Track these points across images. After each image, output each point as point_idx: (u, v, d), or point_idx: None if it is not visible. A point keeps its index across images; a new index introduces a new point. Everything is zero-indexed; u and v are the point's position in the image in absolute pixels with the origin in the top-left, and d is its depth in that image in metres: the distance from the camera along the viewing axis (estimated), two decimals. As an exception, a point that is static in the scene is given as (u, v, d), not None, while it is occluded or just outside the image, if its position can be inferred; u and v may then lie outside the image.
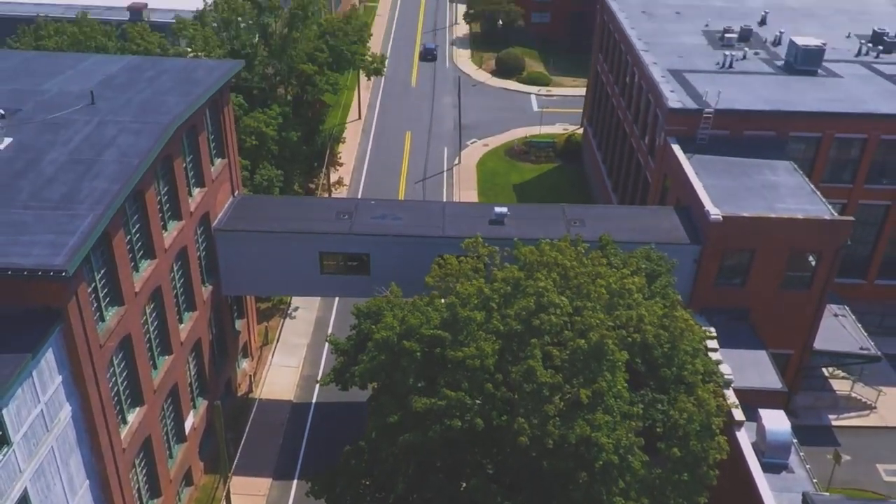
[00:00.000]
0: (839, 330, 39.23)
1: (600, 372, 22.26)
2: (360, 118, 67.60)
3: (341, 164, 56.34)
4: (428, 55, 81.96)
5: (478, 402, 23.62)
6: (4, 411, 20.99)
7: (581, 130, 64.56)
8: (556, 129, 66.23)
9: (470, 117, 66.64)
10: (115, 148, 28.09)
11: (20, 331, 22.41)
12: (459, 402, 23.33)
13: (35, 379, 22.43)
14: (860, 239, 45.22)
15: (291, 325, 46.13)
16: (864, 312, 44.10)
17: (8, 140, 28.22)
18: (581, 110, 65.61)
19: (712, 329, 33.27)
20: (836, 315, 40.24)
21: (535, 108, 70.10)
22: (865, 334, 39.03)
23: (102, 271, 26.04)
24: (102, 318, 26.09)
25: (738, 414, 29.32)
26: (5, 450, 21.30)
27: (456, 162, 60.90)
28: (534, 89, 74.44)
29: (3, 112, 29.23)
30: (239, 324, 40.93)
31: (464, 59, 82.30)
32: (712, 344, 32.27)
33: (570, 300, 24.27)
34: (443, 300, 25.85)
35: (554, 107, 69.92)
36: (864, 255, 45.55)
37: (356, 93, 69.17)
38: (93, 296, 25.25)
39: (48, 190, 25.69)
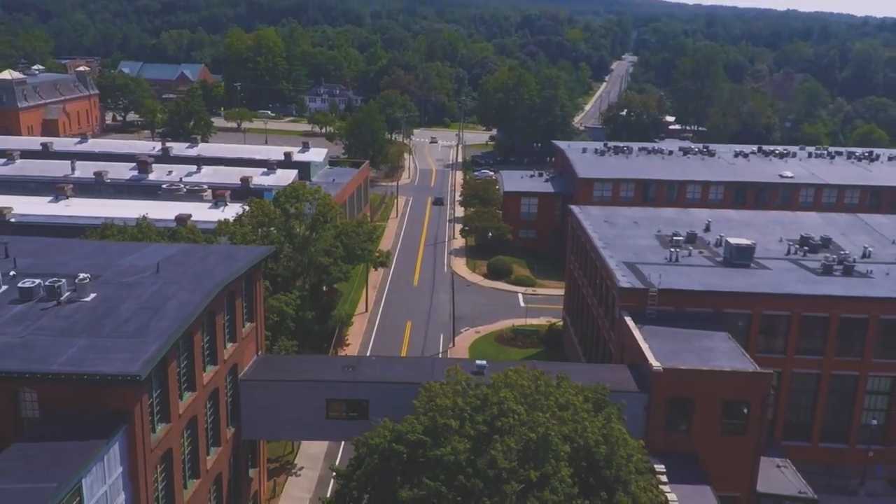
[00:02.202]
0: (781, 477, 44.43)
1: (547, 459, 28.37)
2: (366, 311, 76.46)
3: (348, 345, 64.04)
4: (437, 202, 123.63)
5: (454, 494, 29.38)
6: (84, 480, 27.08)
7: (561, 322, 72.85)
8: (541, 320, 74.74)
9: (464, 310, 75.54)
10: (175, 300, 36.21)
11: (96, 426, 29.05)
12: (437, 491, 29.15)
13: (105, 463, 28.65)
14: (801, 405, 51.69)
15: (296, 482, 51.16)
16: (813, 473, 49.34)
17: (93, 294, 36.49)
18: (562, 306, 74.37)
19: (662, 466, 39.09)
20: (778, 466, 45.60)
21: (522, 304, 79.18)
22: (804, 481, 44.12)
23: (158, 391, 32.97)
24: (154, 430, 32.55)
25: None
26: (79, 513, 27.07)
27: (451, 345, 68.66)
28: (521, 289, 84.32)
29: (89, 275, 37.79)
30: (252, 472, 46.27)
31: (460, 265, 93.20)
32: (662, 478, 38.03)
33: (526, 412, 30.89)
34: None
35: (538, 303, 78.98)
36: (806, 421, 51.55)
37: (364, 291, 78.69)
38: (150, 409, 31.97)
39: (125, 326, 33.44)
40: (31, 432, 29.46)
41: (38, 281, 36.07)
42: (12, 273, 38.09)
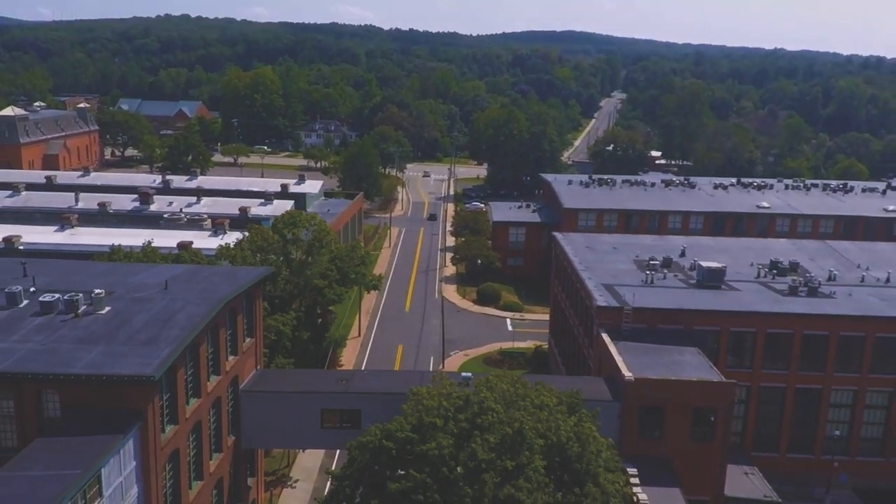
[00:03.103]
0: (748, 483, 47.34)
1: (522, 451, 31.40)
2: (359, 335, 79.47)
3: (341, 366, 66.89)
4: (431, 217, 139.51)
5: (438, 485, 32.32)
6: (103, 470, 29.97)
7: (547, 345, 75.96)
8: (527, 343, 77.86)
9: (454, 334, 78.69)
10: (183, 313, 39.35)
11: (113, 423, 32.01)
12: (423, 483, 32.11)
13: (121, 457, 31.55)
14: (769, 417, 54.72)
15: (292, 493, 53.73)
16: (782, 482, 52.14)
17: (108, 308, 39.64)
18: (548, 330, 77.53)
19: (634, 469, 42.05)
20: (746, 473, 48.52)
21: (510, 328, 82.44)
22: (770, 486, 47.01)
23: (167, 395, 35.96)
24: (163, 430, 35.47)
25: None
26: (99, 500, 29.88)
27: (440, 367, 71.42)
28: (509, 314, 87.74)
29: (103, 291, 40.96)
30: (250, 481, 48.89)
31: (451, 292, 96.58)
32: (633, 480, 40.97)
33: (504, 410, 33.97)
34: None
35: (525, 327, 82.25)
36: (774, 432, 54.55)
37: (357, 316, 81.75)
38: (160, 410, 34.94)
39: (138, 335, 36.55)
40: (53, 429, 32.36)
41: (57, 295, 39.21)
42: (32, 289, 41.24)
